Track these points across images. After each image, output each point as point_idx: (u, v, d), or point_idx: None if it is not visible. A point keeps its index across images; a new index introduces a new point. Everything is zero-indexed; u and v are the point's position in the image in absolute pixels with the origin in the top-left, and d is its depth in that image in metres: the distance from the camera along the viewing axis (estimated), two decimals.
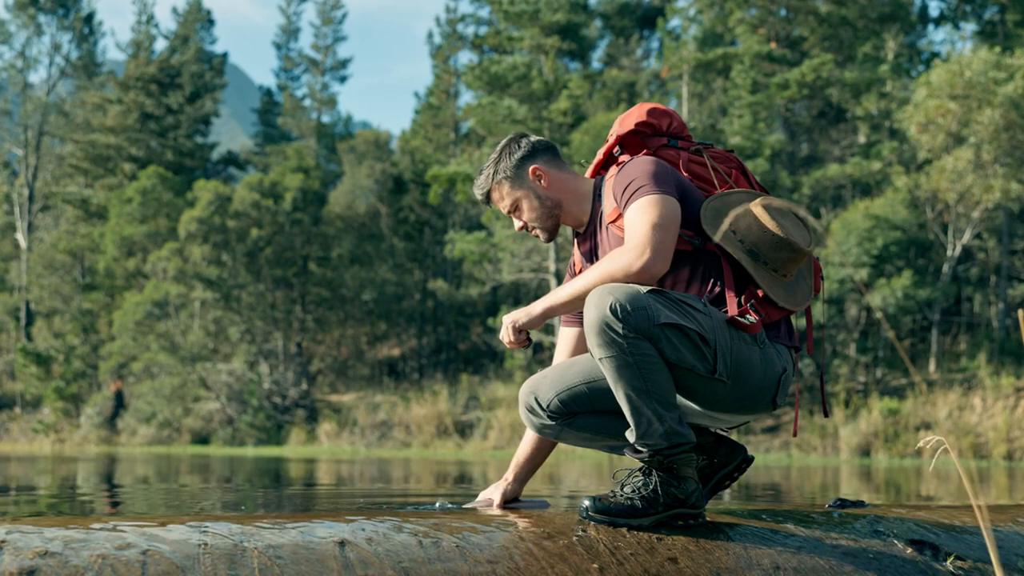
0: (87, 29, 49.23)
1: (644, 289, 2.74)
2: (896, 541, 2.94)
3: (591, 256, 3.14)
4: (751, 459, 3.12)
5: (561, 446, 27.73)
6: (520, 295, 35.63)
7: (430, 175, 31.19)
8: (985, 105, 24.44)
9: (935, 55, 31.39)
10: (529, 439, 3.26)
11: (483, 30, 41.00)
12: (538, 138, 3.22)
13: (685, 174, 3.08)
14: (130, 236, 35.95)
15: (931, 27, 33.57)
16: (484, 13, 41.69)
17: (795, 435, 3.28)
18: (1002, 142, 24.81)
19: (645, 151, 3.12)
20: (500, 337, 3.00)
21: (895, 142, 27.70)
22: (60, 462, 15.63)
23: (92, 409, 35.21)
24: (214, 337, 35.16)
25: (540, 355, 32.00)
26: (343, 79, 48.07)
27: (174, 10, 48.84)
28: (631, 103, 31.63)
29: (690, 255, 2.98)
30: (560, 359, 3.23)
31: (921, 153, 26.33)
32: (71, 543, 2.11)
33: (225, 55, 49.41)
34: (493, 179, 3.19)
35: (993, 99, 24.29)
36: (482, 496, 3.30)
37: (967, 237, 26.47)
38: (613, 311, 2.67)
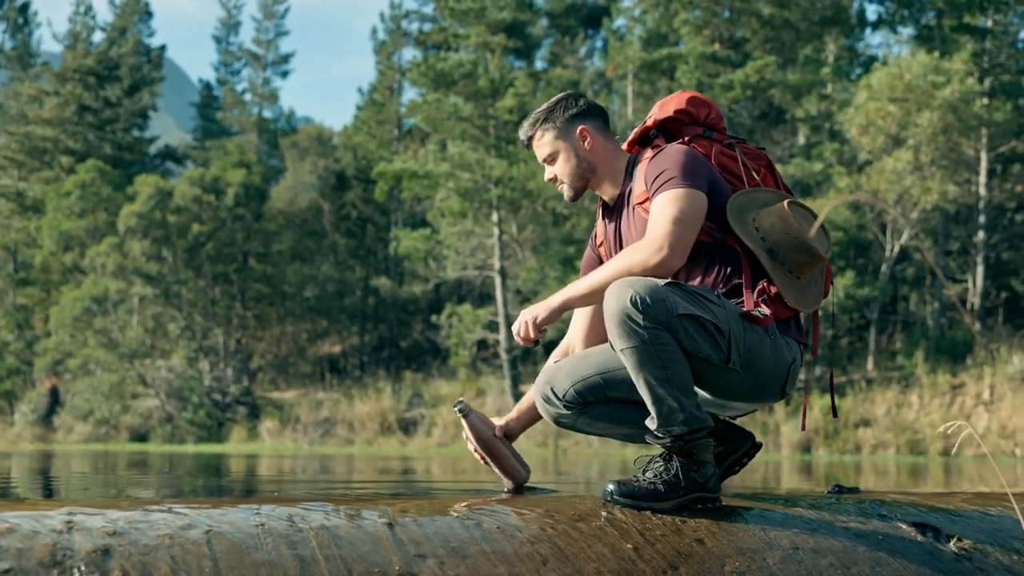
0: (22, 19, 48.39)
1: (662, 282, 2.83)
2: (900, 524, 3.06)
3: (616, 231, 3.22)
4: (759, 445, 3.22)
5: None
6: (464, 292, 35.66)
7: (376, 172, 31.09)
8: (924, 108, 24.95)
9: (873, 59, 31.93)
10: (529, 394, 3.32)
11: (427, 27, 40.98)
12: (594, 102, 3.28)
13: (715, 165, 3.15)
14: (68, 230, 35.41)
15: (868, 30, 34.18)
16: (428, 10, 41.69)
17: (803, 429, 3.42)
18: (940, 144, 25.34)
19: (681, 140, 3.19)
20: (515, 331, 3.05)
21: (836, 143, 28.15)
22: None
23: (27, 406, 34.65)
24: (152, 333, 34.79)
25: (483, 353, 32.08)
26: (285, 74, 47.79)
27: (111, 1, 48.16)
28: None
29: (709, 247, 3.07)
30: (574, 334, 3.31)
31: (861, 154, 26.80)
32: (135, 524, 2.16)
33: (163, 48, 48.87)
34: (541, 125, 3.24)
35: (932, 102, 24.80)
36: (489, 421, 3.31)
37: (905, 237, 27.00)
38: (633, 303, 2.76)
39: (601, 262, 3.31)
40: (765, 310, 2.97)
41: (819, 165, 27.29)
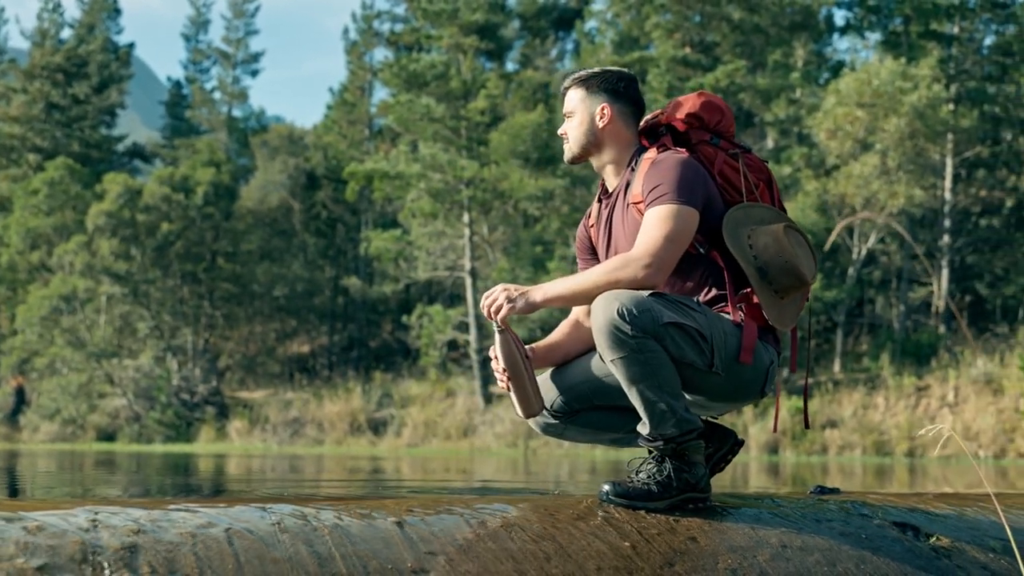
0: None
1: (646, 293, 2.92)
2: (882, 523, 3.18)
3: (608, 219, 3.27)
4: (742, 442, 3.33)
5: (476, 443, 27.53)
6: (434, 293, 35.72)
7: (347, 172, 31.11)
8: (891, 113, 25.28)
9: (841, 63, 32.29)
10: (557, 332, 3.34)
11: (399, 27, 41.01)
12: (638, 93, 3.31)
13: (716, 175, 3.20)
14: (35, 228, 35.18)
15: (837, 36, 34.51)
16: (400, 11, 41.72)
17: (775, 431, 3.53)
18: (906, 149, 25.68)
19: (685, 147, 3.23)
20: (486, 303, 3.04)
21: (805, 147, 28.43)
22: None
23: None
24: (120, 333, 34.62)
25: (453, 353, 32.16)
26: (255, 73, 47.64)
27: None
28: (547, 104, 31.91)
29: (693, 259, 3.14)
30: (582, 310, 3.35)
31: (830, 158, 27.10)
32: (157, 522, 2.23)
33: (131, 45, 48.58)
34: (577, 83, 3.28)
35: (899, 108, 25.14)
36: (521, 344, 3.20)
37: (872, 241, 27.31)
38: (620, 315, 2.85)
39: (590, 240, 3.38)
40: (744, 316, 3.09)
41: (788, 168, 27.56)
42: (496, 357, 3.13)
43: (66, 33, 46.07)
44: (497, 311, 3.02)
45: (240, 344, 38.73)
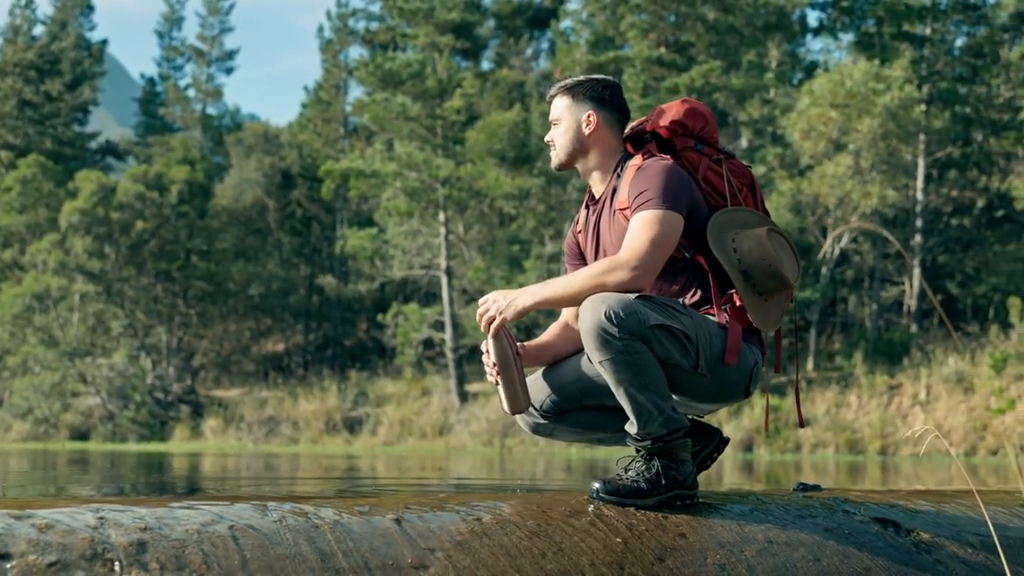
0: None
1: (633, 296, 2.99)
2: (864, 519, 3.26)
3: (595, 225, 3.34)
4: (727, 440, 3.40)
5: (451, 441, 27.52)
6: (409, 291, 35.72)
7: (323, 170, 31.07)
8: (864, 114, 25.50)
9: (814, 64, 32.53)
10: (548, 333, 3.41)
11: (374, 26, 40.98)
12: (623, 100, 3.37)
13: (700, 180, 3.27)
14: (8, 226, 34.97)
15: (810, 36, 34.75)
16: (375, 9, 41.69)
17: (766, 431, 3.61)
18: (879, 150, 25.91)
19: (669, 156, 3.29)
20: (481, 312, 3.12)
21: (779, 147, 28.61)
22: None
23: None
24: (94, 331, 34.45)
25: (429, 352, 32.17)
26: (229, 70, 47.49)
27: None
28: (523, 103, 31.96)
29: (679, 263, 3.21)
30: (569, 312, 3.42)
31: (803, 159, 27.30)
32: (163, 520, 2.28)
33: (104, 42, 48.30)
34: (563, 91, 3.34)
35: (872, 108, 25.35)
36: (514, 342, 3.26)
37: (845, 241, 27.53)
38: (608, 317, 2.91)
39: (579, 247, 3.44)
40: (729, 318, 3.16)
41: (762, 168, 27.74)
42: (487, 351, 3.19)
43: (38, 30, 45.77)
44: (489, 323, 3.09)
45: (215, 343, 38.61)
